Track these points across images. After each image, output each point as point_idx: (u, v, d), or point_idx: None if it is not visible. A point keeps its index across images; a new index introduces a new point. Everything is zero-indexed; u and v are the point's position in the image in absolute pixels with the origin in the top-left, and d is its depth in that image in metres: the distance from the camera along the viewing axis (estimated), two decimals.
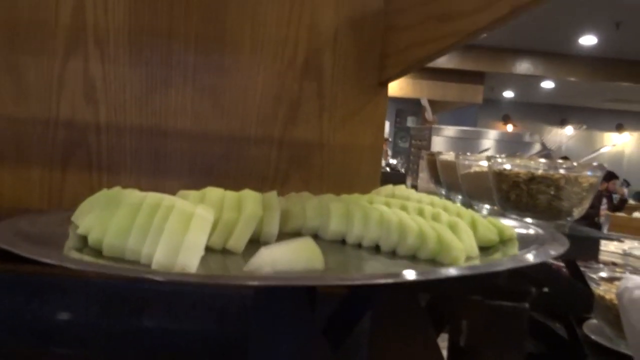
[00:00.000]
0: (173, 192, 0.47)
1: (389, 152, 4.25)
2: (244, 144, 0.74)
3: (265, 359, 0.42)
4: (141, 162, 0.71)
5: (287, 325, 0.39)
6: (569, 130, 10.32)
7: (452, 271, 0.36)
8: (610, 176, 5.62)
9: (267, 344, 0.41)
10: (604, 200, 4.91)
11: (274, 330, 0.41)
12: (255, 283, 0.33)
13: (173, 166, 0.72)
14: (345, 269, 0.41)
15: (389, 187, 0.58)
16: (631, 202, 6.07)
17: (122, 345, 0.60)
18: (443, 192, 1.05)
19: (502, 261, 0.41)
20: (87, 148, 0.70)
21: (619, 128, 10.23)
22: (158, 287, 0.52)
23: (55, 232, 0.44)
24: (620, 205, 5.43)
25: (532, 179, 0.79)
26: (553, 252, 0.43)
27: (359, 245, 0.45)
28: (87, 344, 0.61)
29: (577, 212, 0.74)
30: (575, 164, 0.79)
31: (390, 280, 0.34)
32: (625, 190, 6.41)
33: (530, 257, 0.40)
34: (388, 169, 3.49)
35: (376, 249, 0.45)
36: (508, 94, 9.62)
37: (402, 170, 3.57)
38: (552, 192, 0.78)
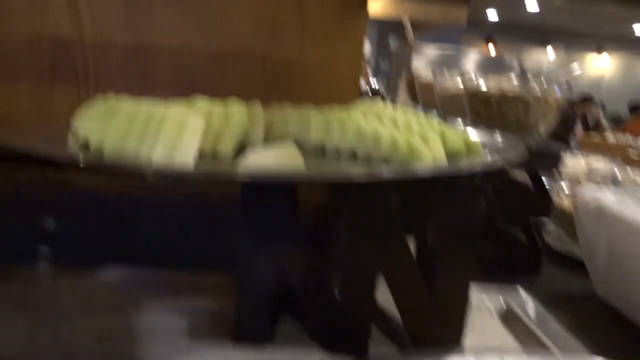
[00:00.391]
0: None
1: (370, 73, 4.19)
2: (227, 62, 0.76)
3: (255, 257, 0.47)
4: (127, 77, 0.73)
5: (275, 223, 0.44)
6: (550, 52, 10.29)
7: (422, 171, 0.41)
8: (586, 99, 5.69)
9: (256, 242, 0.46)
10: (579, 122, 5.00)
11: (262, 228, 0.45)
12: (248, 179, 0.37)
13: (159, 82, 0.74)
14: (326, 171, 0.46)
15: (366, 102, 0.62)
16: (607, 125, 6.16)
17: (115, 252, 0.64)
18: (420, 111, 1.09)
19: (467, 165, 0.45)
20: (73, 64, 0.72)
21: (599, 49, 10.24)
22: (150, 194, 0.56)
23: (52, 141, 0.47)
24: (596, 128, 5.53)
25: (503, 97, 0.83)
26: (515, 160, 0.48)
27: (337, 153, 0.49)
28: (79, 253, 0.64)
29: (543, 127, 0.79)
30: (544, 83, 0.83)
31: (369, 178, 0.39)
32: (601, 113, 6.51)
33: (494, 163, 0.45)
34: (370, 93, 3.45)
35: (353, 157, 0.49)
36: (492, 15, 9.48)
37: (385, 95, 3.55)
38: (521, 111, 0.82)
